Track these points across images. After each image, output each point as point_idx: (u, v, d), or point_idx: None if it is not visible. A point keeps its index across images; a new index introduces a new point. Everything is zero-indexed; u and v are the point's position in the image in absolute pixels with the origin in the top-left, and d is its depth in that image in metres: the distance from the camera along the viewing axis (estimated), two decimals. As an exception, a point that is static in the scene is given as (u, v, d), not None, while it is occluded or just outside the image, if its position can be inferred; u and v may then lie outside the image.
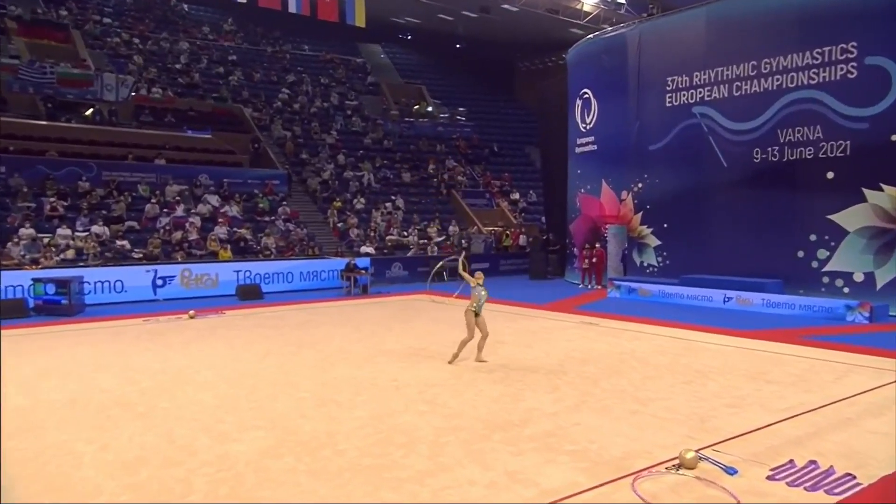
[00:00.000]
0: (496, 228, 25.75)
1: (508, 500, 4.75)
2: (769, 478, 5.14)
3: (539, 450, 5.74)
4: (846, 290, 14.48)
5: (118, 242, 17.81)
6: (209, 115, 25.41)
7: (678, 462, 5.33)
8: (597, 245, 20.24)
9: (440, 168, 29.13)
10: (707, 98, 17.25)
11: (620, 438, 6.05)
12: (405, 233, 23.70)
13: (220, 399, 7.45)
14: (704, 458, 5.43)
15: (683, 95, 17.82)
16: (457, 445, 5.85)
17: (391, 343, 10.87)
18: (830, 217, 14.72)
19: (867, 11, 14.30)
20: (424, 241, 23.47)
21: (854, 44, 14.37)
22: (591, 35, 22.40)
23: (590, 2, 27.21)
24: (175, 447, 5.86)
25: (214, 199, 21.21)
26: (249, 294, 16.98)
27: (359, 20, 24.15)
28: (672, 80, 18.05)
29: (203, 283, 17.14)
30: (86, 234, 17.66)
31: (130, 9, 31.16)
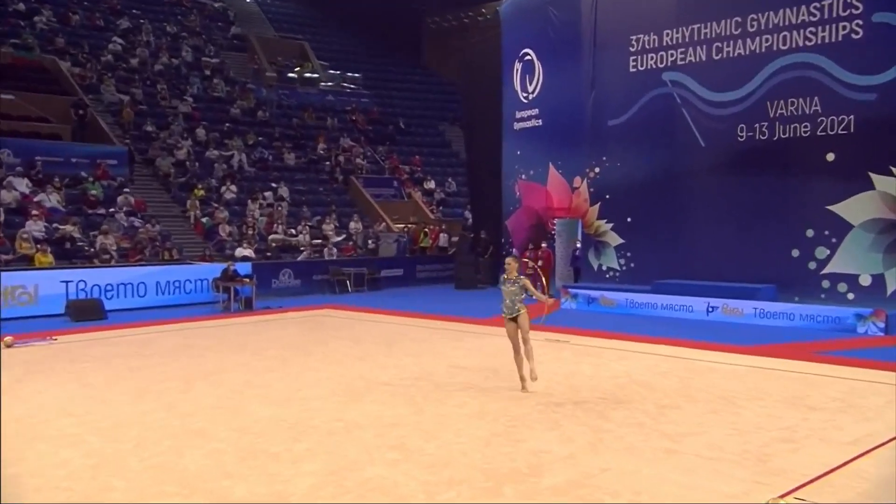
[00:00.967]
0: (410, 225, 25.71)
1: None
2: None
3: (573, 507, 5.48)
4: (851, 296, 14.97)
5: None
6: (8, 69, 23.83)
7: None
8: (543, 245, 20.27)
9: (333, 148, 29.05)
10: (680, 62, 17.55)
11: (670, 487, 5.90)
12: (293, 231, 23.31)
13: (95, 457, 6.72)
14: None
15: (651, 59, 18.09)
16: (463, 507, 5.52)
17: (314, 371, 10.60)
18: (831, 208, 15.18)
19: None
20: (319, 242, 23.16)
21: (859, -3, 14.90)
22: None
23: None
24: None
25: (23, 184, 20.17)
26: (86, 313, 16.21)
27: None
28: (637, 40, 18.29)
29: (15, 299, 16.20)
30: None
31: None
